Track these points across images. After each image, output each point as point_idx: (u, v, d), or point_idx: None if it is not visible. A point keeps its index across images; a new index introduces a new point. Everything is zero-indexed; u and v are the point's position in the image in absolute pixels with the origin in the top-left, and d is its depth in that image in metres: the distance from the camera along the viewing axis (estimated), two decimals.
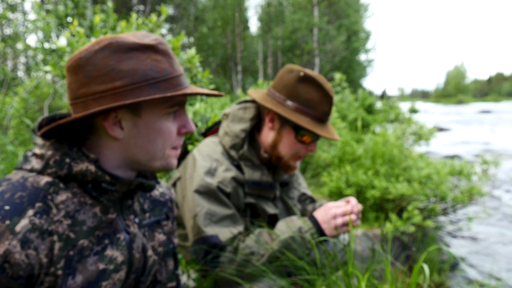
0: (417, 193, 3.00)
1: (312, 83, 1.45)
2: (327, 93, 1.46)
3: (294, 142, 1.49)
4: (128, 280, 0.91)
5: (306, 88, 1.44)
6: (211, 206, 1.42)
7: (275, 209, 1.56)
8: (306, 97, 1.44)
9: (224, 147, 1.54)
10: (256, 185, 1.50)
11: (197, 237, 1.40)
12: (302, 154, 1.52)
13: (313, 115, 1.45)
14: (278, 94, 1.48)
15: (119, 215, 0.89)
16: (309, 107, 1.45)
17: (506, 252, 3.46)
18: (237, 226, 1.44)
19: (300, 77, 1.45)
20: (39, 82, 4.24)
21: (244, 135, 1.51)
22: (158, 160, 0.87)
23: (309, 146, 1.51)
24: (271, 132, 1.52)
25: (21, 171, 0.80)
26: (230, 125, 1.55)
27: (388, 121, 8.13)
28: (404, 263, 2.84)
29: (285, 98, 1.46)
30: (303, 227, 1.40)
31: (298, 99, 1.44)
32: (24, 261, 0.70)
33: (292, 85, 1.45)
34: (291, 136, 1.48)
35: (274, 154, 1.53)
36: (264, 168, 1.54)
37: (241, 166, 1.51)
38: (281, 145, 1.50)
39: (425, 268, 1.20)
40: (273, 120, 1.51)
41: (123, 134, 0.83)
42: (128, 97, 0.78)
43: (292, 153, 1.51)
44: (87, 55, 0.79)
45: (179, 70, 0.86)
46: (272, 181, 1.54)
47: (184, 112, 0.90)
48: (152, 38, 0.84)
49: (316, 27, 21.87)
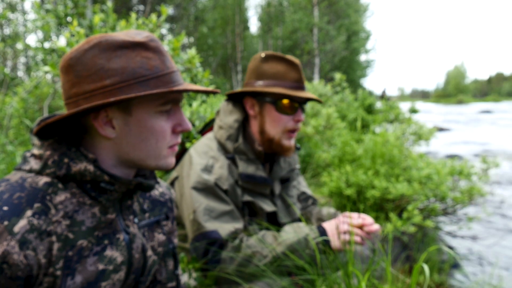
0: (417, 193, 2.99)
1: (274, 59, 1.49)
2: (292, 62, 1.48)
3: (278, 116, 1.49)
4: (128, 281, 0.91)
5: (270, 64, 1.48)
6: (209, 202, 1.42)
7: (272, 207, 1.56)
8: (272, 71, 1.48)
9: (220, 141, 1.55)
10: (250, 179, 1.50)
11: (197, 233, 1.40)
12: (291, 126, 1.51)
13: (285, 85, 1.47)
14: (248, 80, 1.53)
15: (118, 215, 0.88)
16: (278, 79, 1.47)
17: (506, 252, 3.46)
18: (237, 222, 1.44)
19: (262, 58, 1.50)
20: (39, 82, 4.24)
21: (238, 125, 1.53)
22: (154, 159, 0.86)
23: (294, 116, 1.50)
24: (255, 120, 1.54)
25: (20, 171, 0.80)
26: (222, 119, 1.57)
27: (388, 121, 8.13)
28: (404, 263, 2.84)
29: (254, 81, 1.50)
30: (310, 235, 1.38)
31: (266, 76, 1.48)
32: (23, 261, 0.69)
33: (257, 67, 1.50)
34: (272, 111, 1.49)
35: (265, 140, 1.52)
36: (259, 163, 1.54)
37: (235, 160, 1.51)
38: (267, 125, 1.51)
39: (425, 269, 1.20)
40: (253, 106, 1.53)
41: (115, 133, 0.83)
42: (117, 95, 0.77)
43: (280, 129, 1.50)
44: (77, 54, 0.79)
45: (172, 67, 0.85)
46: (266, 176, 1.53)
47: (178, 110, 0.89)
48: (143, 35, 0.83)
49: (316, 27, 21.88)
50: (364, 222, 1.40)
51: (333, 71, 22.42)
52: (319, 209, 1.75)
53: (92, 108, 0.76)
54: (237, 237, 1.41)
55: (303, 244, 1.37)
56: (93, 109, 0.77)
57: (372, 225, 1.40)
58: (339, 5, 24.16)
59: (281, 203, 1.64)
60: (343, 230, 1.38)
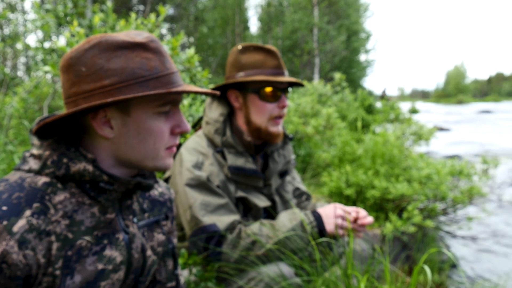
0: (417, 193, 2.99)
1: (251, 49, 1.51)
2: (268, 50, 1.50)
3: (262, 104, 1.50)
4: (127, 280, 0.91)
5: (248, 55, 1.51)
6: (204, 197, 1.43)
7: (266, 202, 1.56)
8: (251, 61, 1.49)
9: (208, 136, 1.56)
10: (239, 171, 1.50)
11: (195, 228, 1.41)
12: (276, 113, 1.52)
13: (265, 72, 1.49)
14: (229, 74, 1.55)
15: (118, 215, 0.88)
16: (257, 67, 1.49)
17: (507, 252, 3.46)
18: (234, 214, 1.45)
19: (240, 50, 1.52)
20: (39, 82, 4.24)
21: (223, 119, 1.54)
22: (151, 160, 0.86)
23: (278, 103, 1.51)
24: (241, 111, 1.55)
25: (19, 171, 0.80)
26: (208, 114, 1.59)
27: (388, 121, 8.13)
28: (404, 263, 2.84)
29: (235, 73, 1.52)
30: (305, 220, 1.41)
31: (245, 67, 1.50)
32: (22, 261, 0.69)
33: (236, 60, 1.52)
34: (256, 100, 1.51)
35: (253, 129, 1.53)
36: (248, 156, 1.55)
37: (224, 153, 1.52)
38: (252, 114, 1.52)
39: (426, 270, 1.20)
40: (237, 98, 1.55)
41: (113, 134, 0.82)
42: (116, 95, 0.77)
43: (266, 117, 1.51)
44: (77, 54, 0.79)
45: (172, 68, 0.84)
46: (256, 168, 1.54)
47: (177, 111, 0.88)
48: (143, 36, 0.83)
49: (316, 27, 21.87)
50: (358, 215, 1.42)
51: (333, 71, 22.41)
52: (313, 204, 1.77)
53: (90, 108, 0.76)
54: (235, 228, 1.42)
55: (299, 230, 1.39)
56: (92, 109, 0.77)
57: (365, 218, 1.42)
58: (339, 5, 24.15)
59: (279, 199, 1.65)
60: (338, 214, 1.41)
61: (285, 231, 1.39)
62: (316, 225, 1.42)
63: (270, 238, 1.39)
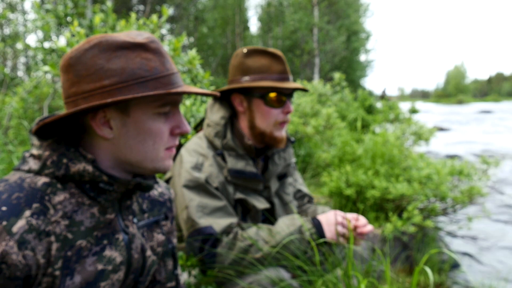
0: (417, 193, 2.99)
1: (256, 53, 1.50)
2: (274, 54, 1.49)
3: (267, 110, 1.50)
4: (127, 281, 0.91)
5: (253, 59, 1.49)
6: (202, 199, 1.43)
7: (265, 204, 1.56)
8: (257, 65, 1.48)
9: (208, 138, 1.56)
10: (239, 174, 1.50)
11: (192, 230, 1.41)
12: (281, 119, 1.52)
13: (271, 78, 1.48)
14: (233, 77, 1.54)
15: (117, 216, 0.88)
16: (263, 72, 1.48)
17: (507, 251, 3.45)
18: (231, 217, 1.44)
19: (244, 54, 1.51)
20: (39, 82, 4.24)
21: (225, 122, 1.54)
22: (151, 162, 0.86)
23: (283, 108, 1.51)
24: (244, 115, 1.55)
25: (19, 172, 0.80)
26: (209, 116, 1.58)
27: (388, 121, 8.13)
28: (404, 263, 2.84)
29: (240, 77, 1.51)
30: (304, 227, 1.40)
31: (250, 71, 1.49)
32: (21, 262, 0.69)
33: (241, 63, 1.51)
34: (261, 105, 1.50)
35: (256, 134, 1.53)
36: (249, 159, 1.54)
37: (224, 156, 1.52)
38: (257, 119, 1.52)
39: (428, 272, 1.19)
40: (242, 102, 1.54)
41: (112, 134, 0.82)
42: (115, 96, 0.77)
43: (271, 122, 1.51)
44: (77, 54, 0.79)
45: (172, 69, 0.84)
46: (256, 171, 1.53)
47: (177, 112, 0.88)
48: (144, 36, 0.83)
49: (316, 27, 21.87)
50: (357, 224, 1.41)
51: (333, 71, 22.41)
52: (314, 208, 1.76)
53: (90, 108, 0.76)
54: (232, 231, 1.41)
55: (297, 237, 1.38)
56: (91, 109, 0.77)
57: (365, 226, 1.41)
58: (339, 5, 24.14)
59: (278, 201, 1.64)
60: (338, 221, 1.40)
61: (283, 236, 1.38)
62: (316, 232, 1.40)
63: (267, 243, 1.38)
